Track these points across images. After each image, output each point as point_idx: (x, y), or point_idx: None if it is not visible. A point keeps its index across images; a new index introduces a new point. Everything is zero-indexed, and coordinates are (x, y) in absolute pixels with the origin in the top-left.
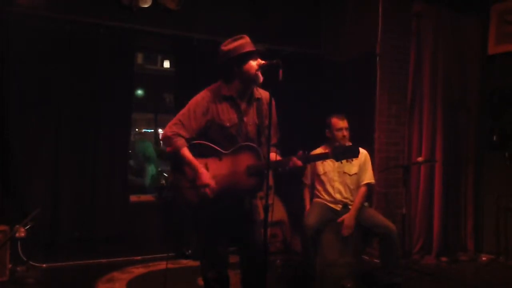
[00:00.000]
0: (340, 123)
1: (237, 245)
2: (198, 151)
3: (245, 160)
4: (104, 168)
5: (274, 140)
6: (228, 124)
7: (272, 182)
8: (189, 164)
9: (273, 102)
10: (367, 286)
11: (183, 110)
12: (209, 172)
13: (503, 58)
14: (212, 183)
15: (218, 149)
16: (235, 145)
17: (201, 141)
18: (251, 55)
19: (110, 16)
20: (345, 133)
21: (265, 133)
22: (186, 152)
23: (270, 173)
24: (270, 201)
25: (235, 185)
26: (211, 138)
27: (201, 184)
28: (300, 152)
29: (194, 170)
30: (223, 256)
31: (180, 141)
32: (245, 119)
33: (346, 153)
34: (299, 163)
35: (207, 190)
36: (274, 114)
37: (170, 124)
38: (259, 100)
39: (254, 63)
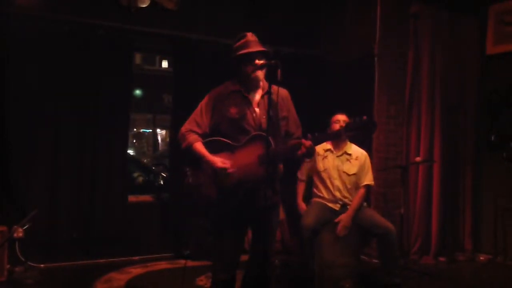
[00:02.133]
0: (338, 116)
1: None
2: (212, 148)
3: (257, 150)
4: (103, 168)
5: (298, 133)
6: (237, 116)
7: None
8: (201, 157)
9: (289, 97)
10: (366, 286)
11: (196, 109)
12: None
13: (501, 59)
14: (227, 165)
15: (230, 143)
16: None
17: (214, 137)
18: (245, 57)
19: (109, 17)
20: (342, 124)
21: (281, 125)
22: (198, 146)
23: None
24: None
25: (249, 176)
26: (224, 133)
27: (220, 168)
28: (310, 135)
29: (207, 162)
30: (236, 258)
31: (193, 137)
32: (257, 110)
33: (359, 128)
34: (309, 143)
35: (230, 171)
36: (293, 109)
37: (185, 123)
38: (271, 93)
39: (249, 64)
